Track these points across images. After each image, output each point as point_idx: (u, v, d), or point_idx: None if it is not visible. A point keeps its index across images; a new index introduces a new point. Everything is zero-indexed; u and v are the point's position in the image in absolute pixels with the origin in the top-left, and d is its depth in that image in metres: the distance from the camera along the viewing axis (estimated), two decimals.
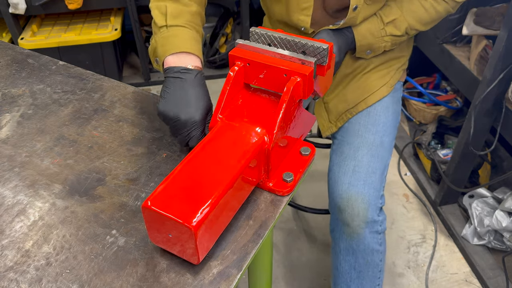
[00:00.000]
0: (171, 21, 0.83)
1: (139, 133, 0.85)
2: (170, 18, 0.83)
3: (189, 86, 0.75)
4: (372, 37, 1.02)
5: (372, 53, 1.07)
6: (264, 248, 0.81)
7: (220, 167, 0.63)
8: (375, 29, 1.01)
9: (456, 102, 2.10)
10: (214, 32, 2.62)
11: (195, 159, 0.64)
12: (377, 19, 1.01)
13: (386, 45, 1.05)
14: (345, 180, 1.02)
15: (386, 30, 1.02)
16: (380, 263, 1.08)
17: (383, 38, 1.03)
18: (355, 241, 1.04)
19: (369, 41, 1.03)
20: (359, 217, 1.00)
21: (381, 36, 1.03)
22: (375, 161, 1.04)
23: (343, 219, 1.03)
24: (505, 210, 1.50)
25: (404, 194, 1.90)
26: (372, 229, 1.02)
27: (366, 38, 1.02)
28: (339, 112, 1.14)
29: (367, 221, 1.00)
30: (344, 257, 1.08)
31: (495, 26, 1.48)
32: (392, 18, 1.01)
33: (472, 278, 1.56)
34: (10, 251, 0.64)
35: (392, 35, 1.03)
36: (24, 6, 2.17)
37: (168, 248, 0.61)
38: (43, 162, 0.78)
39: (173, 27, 0.82)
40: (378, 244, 1.05)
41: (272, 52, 0.71)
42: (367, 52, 1.06)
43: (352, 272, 1.08)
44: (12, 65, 1.05)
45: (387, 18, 1.01)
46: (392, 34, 1.03)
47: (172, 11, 0.83)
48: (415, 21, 1.03)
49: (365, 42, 1.03)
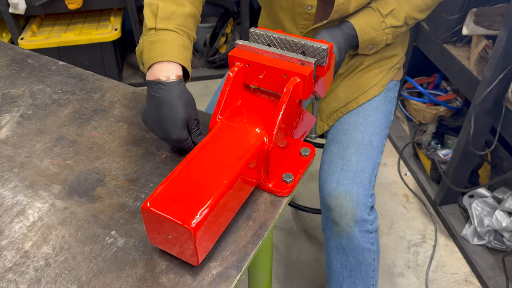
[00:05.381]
0: (160, 24, 0.79)
1: (138, 133, 0.85)
2: (160, 20, 0.79)
3: (163, 102, 0.74)
4: (373, 30, 1.01)
5: (374, 48, 1.06)
6: (264, 248, 0.81)
7: (219, 168, 0.63)
8: (375, 22, 1.00)
9: (456, 102, 2.10)
10: (214, 32, 2.62)
11: (194, 160, 0.64)
12: (374, 12, 1.00)
13: (387, 37, 1.04)
14: (334, 179, 1.02)
15: (386, 22, 1.01)
16: (373, 263, 1.08)
17: (384, 30, 1.02)
18: (345, 240, 1.03)
19: (371, 35, 1.01)
20: (347, 216, 1.00)
21: (382, 29, 1.01)
22: (363, 160, 1.04)
23: (332, 217, 1.03)
24: (505, 210, 1.50)
25: (404, 194, 1.90)
26: (362, 228, 1.02)
27: (368, 32, 1.01)
28: (330, 110, 1.14)
29: (356, 220, 1.00)
30: (335, 255, 1.07)
31: (495, 26, 1.48)
32: (390, 9, 1.00)
33: (472, 278, 1.56)
34: (9, 251, 0.64)
35: (393, 27, 1.02)
36: (24, 6, 2.17)
37: (168, 249, 0.61)
38: (42, 162, 0.78)
39: (162, 31, 0.78)
40: (369, 243, 1.05)
41: (271, 53, 0.71)
42: (369, 48, 1.05)
43: (343, 271, 1.08)
44: (12, 65, 1.05)
45: (385, 10, 1.00)
46: (393, 25, 1.02)
47: (163, 12, 0.80)
48: (412, 9, 1.02)
49: (367, 37, 1.01)
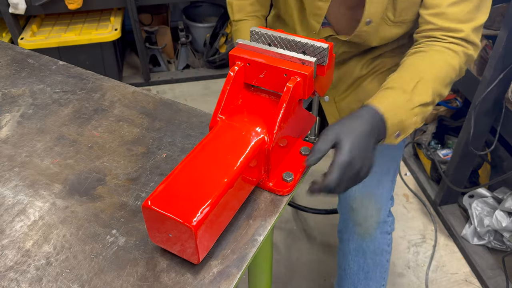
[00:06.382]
0: (235, 16, 1.09)
1: (139, 133, 0.85)
2: (235, 14, 1.09)
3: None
4: (401, 111, 0.78)
5: (402, 136, 0.82)
6: (264, 248, 0.81)
7: (220, 166, 0.63)
8: (400, 101, 0.79)
9: (456, 102, 2.10)
10: (214, 32, 2.62)
11: (195, 158, 0.64)
12: (397, 91, 0.80)
13: (417, 120, 0.81)
14: None
15: (413, 100, 0.80)
16: (387, 264, 1.08)
17: (413, 111, 0.80)
18: (366, 242, 1.03)
19: (399, 118, 0.78)
20: (372, 218, 0.99)
21: (410, 109, 0.79)
22: (388, 161, 1.03)
23: (356, 219, 1.01)
24: (505, 210, 1.50)
25: (404, 194, 1.90)
26: (382, 230, 1.02)
27: (396, 114, 0.77)
28: (351, 110, 1.11)
29: (379, 221, 0.99)
30: (353, 257, 1.07)
31: (495, 26, 1.48)
32: (413, 83, 0.81)
33: (472, 278, 1.56)
34: (11, 250, 0.64)
35: (421, 105, 0.81)
36: (24, 6, 2.17)
37: (168, 248, 0.61)
38: (43, 162, 0.78)
39: (237, 22, 1.09)
40: (387, 244, 1.05)
41: (272, 52, 0.71)
42: (396, 135, 0.80)
43: (360, 273, 1.07)
44: (12, 65, 1.05)
45: (408, 86, 0.80)
46: (421, 103, 0.81)
47: (235, 7, 1.09)
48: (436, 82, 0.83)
49: (396, 120, 0.77)
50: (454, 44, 0.87)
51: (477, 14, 0.87)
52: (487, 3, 0.87)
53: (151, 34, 2.56)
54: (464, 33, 0.86)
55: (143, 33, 2.56)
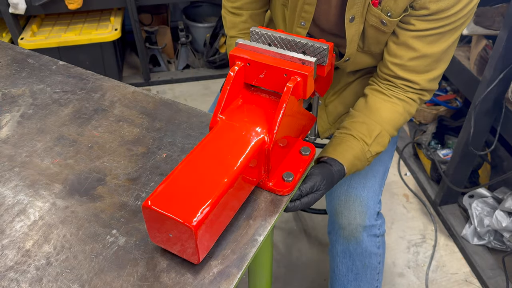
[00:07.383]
0: (228, 32, 1.09)
1: (139, 133, 0.85)
2: (228, 30, 1.09)
3: None
4: (359, 162, 0.92)
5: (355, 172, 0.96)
6: (264, 248, 0.81)
7: (220, 166, 0.63)
8: (360, 153, 0.91)
9: (456, 102, 2.10)
10: (214, 32, 2.62)
11: (195, 158, 0.64)
12: (358, 142, 0.91)
13: (369, 163, 0.95)
14: (344, 182, 1.01)
15: (371, 151, 0.92)
16: (379, 266, 1.07)
17: (368, 159, 0.93)
18: (352, 244, 1.02)
19: (357, 167, 0.92)
20: (356, 221, 0.99)
21: (366, 159, 0.92)
22: (375, 164, 1.03)
23: (340, 222, 1.01)
24: (505, 210, 1.50)
25: (404, 194, 1.90)
26: (370, 233, 1.01)
27: (355, 165, 0.91)
28: (338, 114, 1.13)
29: (365, 225, 0.99)
30: (341, 259, 1.06)
31: (495, 26, 1.48)
32: (374, 135, 0.92)
33: (472, 278, 1.56)
34: (11, 250, 0.64)
35: (377, 153, 0.94)
36: (24, 6, 2.17)
37: (169, 248, 0.61)
38: (43, 162, 0.78)
39: (230, 38, 1.09)
40: (376, 247, 1.04)
41: (272, 52, 0.71)
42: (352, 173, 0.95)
43: (349, 274, 1.07)
44: (12, 65, 1.05)
45: (369, 138, 0.92)
46: (377, 151, 0.94)
47: (228, 23, 1.08)
48: (393, 129, 0.95)
49: (354, 169, 0.92)
50: (413, 93, 0.95)
51: (438, 64, 0.92)
52: (449, 53, 0.91)
53: (151, 34, 2.56)
54: (421, 85, 0.94)
55: (143, 33, 2.56)
